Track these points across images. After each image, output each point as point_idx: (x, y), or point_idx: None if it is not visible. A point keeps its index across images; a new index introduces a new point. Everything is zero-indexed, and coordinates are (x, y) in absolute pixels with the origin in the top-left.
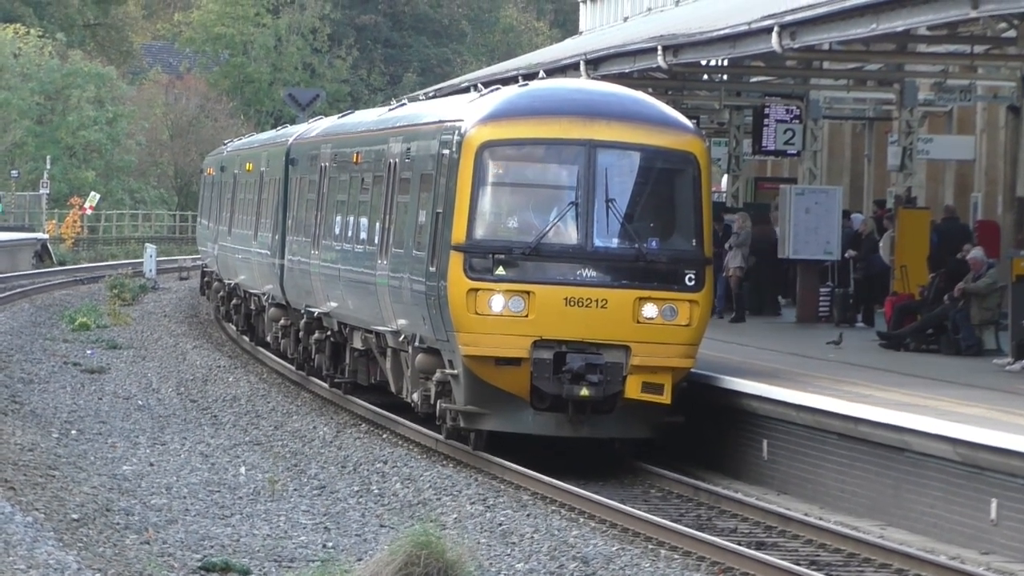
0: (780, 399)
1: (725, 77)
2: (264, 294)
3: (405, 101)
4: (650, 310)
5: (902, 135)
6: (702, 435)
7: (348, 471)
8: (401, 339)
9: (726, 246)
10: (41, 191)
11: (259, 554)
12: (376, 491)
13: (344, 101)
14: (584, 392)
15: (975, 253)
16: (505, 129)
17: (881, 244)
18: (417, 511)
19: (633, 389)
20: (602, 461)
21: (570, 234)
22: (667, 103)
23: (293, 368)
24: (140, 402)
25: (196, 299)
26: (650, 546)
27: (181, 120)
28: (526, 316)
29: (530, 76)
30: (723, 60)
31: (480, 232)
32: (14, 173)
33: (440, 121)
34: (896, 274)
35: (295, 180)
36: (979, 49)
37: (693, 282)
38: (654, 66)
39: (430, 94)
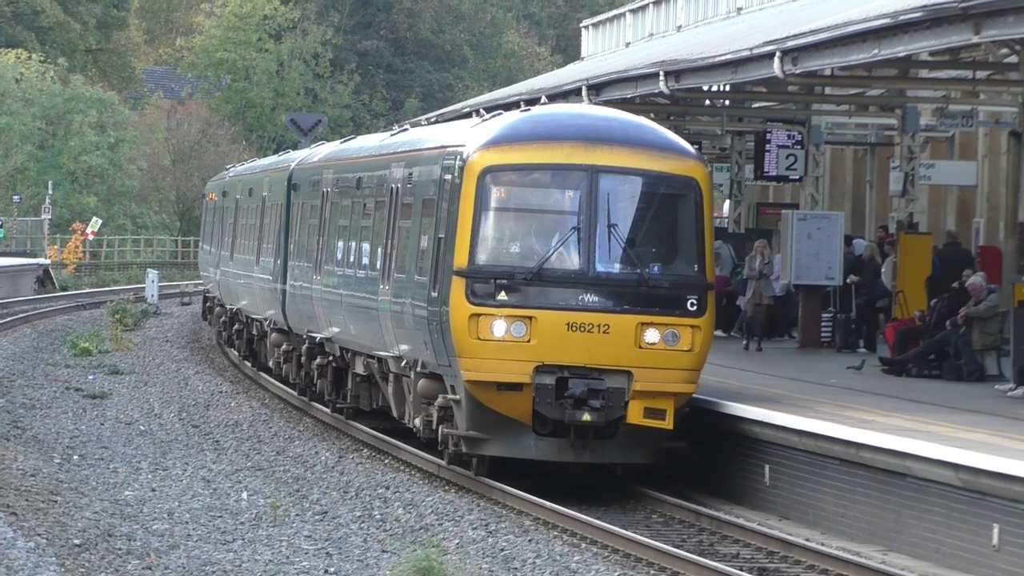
0: (782, 424)
1: (727, 102)
2: (266, 319)
3: (407, 126)
4: (652, 335)
5: (904, 160)
6: (704, 460)
7: (350, 496)
8: (403, 364)
9: (748, 274)
10: (43, 216)
11: None
12: (378, 516)
13: (346, 126)
14: (586, 417)
15: (975, 279)
16: (507, 154)
17: (883, 270)
18: (419, 536)
19: (635, 414)
20: (604, 486)
21: (572, 259)
22: (669, 128)
23: (295, 393)
24: (142, 427)
25: (198, 324)
26: (652, 572)
27: (183, 145)
28: (528, 341)
29: (532, 101)
30: (725, 85)
31: (482, 257)
32: (16, 198)
33: (442, 146)
34: (898, 299)
35: (297, 205)
36: (981, 74)
37: (695, 307)
38: (656, 91)
39: (432, 119)
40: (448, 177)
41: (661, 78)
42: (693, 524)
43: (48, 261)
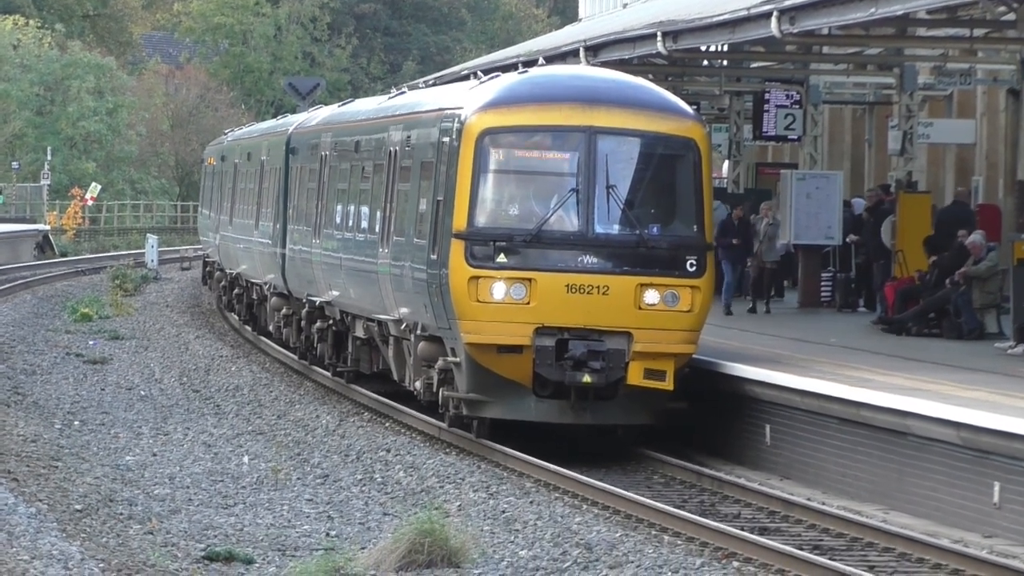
0: (782, 384)
1: (725, 63)
2: (266, 283)
3: (405, 89)
4: (652, 296)
5: (902, 119)
6: (705, 421)
7: (351, 460)
8: (403, 327)
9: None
10: (42, 182)
11: (263, 543)
12: (379, 479)
13: (344, 90)
14: (586, 379)
15: (974, 237)
16: (505, 116)
17: (883, 229)
18: (420, 499)
19: (635, 375)
20: (605, 448)
21: (571, 221)
22: (667, 89)
23: (295, 357)
24: (143, 392)
25: (198, 289)
26: (653, 532)
27: (181, 110)
28: (528, 303)
29: (530, 63)
30: (723, 46)
31: (481, 219)
32: (15, 165)
33: (440, 109)
34: (898, 259)
35: (296, 169)
36: (979, 32)
37: (694, 268)
38: (654, 52)
39: (430, 82)
40: (446, 140)
41: (659, 39)
42: (694, 484)
43: (48, 227)
